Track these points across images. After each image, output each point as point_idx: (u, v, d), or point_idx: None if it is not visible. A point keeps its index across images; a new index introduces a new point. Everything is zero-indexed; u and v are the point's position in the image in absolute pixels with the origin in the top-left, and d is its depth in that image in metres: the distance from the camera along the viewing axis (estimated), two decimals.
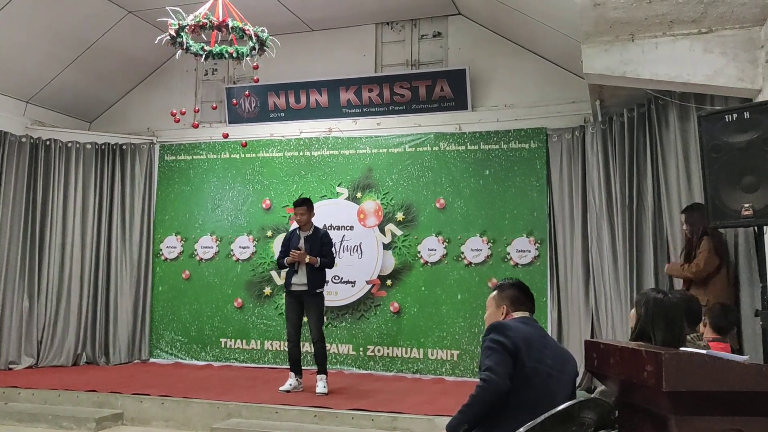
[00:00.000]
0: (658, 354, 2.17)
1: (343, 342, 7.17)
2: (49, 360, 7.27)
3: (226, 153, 7.86)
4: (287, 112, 7.70)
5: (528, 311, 2.95)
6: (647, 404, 2.35)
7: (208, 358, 7.56)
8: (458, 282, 6.90)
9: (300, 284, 5.85)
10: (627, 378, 2.40)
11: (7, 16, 6.40)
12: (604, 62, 4.61)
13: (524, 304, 2.96)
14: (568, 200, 6.56)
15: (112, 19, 7.15)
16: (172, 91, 8.19)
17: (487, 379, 2.60)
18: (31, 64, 7.21)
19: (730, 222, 3.68)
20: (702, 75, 4.31)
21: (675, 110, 5.18)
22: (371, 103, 7.38)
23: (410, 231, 7.14)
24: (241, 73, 7.94)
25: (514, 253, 6.76)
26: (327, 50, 7.70)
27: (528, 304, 2.97)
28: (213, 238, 7.78)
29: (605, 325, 5.96)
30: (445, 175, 7.09)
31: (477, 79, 7.11)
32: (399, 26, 7.56)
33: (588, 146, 6.42)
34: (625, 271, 5.74)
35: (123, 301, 7.73)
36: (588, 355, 2.80)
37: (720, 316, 3.91)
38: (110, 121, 8.46)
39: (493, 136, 6.97)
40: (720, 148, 3.61)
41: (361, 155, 7.42)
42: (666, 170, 5.35)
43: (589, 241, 6.32)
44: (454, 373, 6.74)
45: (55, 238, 7.50)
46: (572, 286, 6.45)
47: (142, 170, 7.97)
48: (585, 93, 6.03)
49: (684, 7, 4.09)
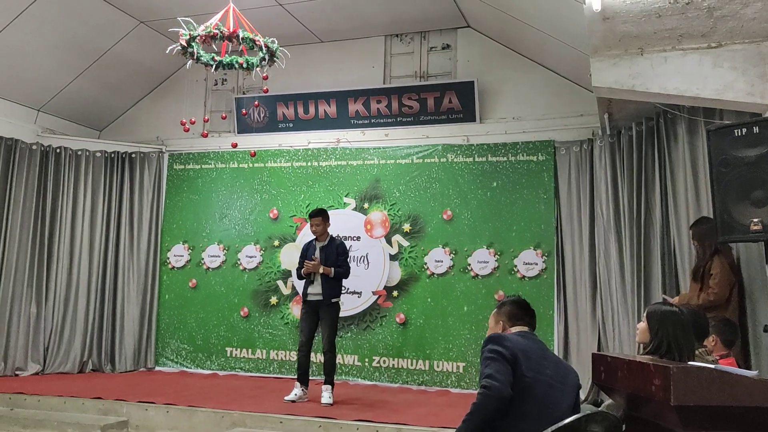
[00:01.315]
0: (666, 368, 2.16)
1: (349, 353, 7.15)
2: (55, 367, 7.28)
3: (235, 162, 7.90)
4: (296, 123, 7.73)
5: (526, 326, 2.96)
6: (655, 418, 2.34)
7: (214, 367, 7.55)
8: (465, 294, 6.89)
9: (315, 294, 5.87)
10: (635, 391, 2.39)
11: (21, 26, 6.47)
12: (613, 76, 4.61)
13: (522, 318, 2.98)
14: (575, 213, 6.55)
15: (124, 28, 7.22)
16: (181, 101, 8.24)
17: (489, 386, 2.59)
18: (43, 73, 7.27)
19: (738, 237, 3.67)
20: (711, 89, 4.30)
21: (684, 124, 5.18)
22: (379, 114, 7.41)
23: (417, 242, 7.14)
24: (250, 84, 7.99)
25: (521, 265, 6.75)
26: (336, 61, 7.74)
27: (526, 319, 2.99)
28: (220, 247, 7.80)
29: (612, 339, 5.93)
30: (453, 187, 7.10)
31: (485, 91, 7.13)
32: (408, 38, 7.60)
33: (596, 159, 6.42)
34: (632, 285, 5.72)
35: (129, 308, 7.74)
36: (595, 368, 2.79)
37: (729, 330, 3.88)
38: (120, 129, 8.52)
39: (501, 148, 6.97)
40: (729, 162, 3.61)
41: (368, 166, 7.44)
42: (674, 184, 5.34)
43: (596, 254, 6.30)
44: (459, 386, 6.71)
45: (63, 245, 7.54)
46: (579, 299, 6.42)
47: (151, 179, 8.01)
48: (593, 106, 6.04)
49: (693, 22, 4.10)
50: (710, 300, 4.31)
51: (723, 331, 3.85)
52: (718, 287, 4.29)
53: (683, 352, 2.61)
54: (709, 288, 4.34)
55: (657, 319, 2.74)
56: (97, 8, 6.73)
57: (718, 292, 4.29)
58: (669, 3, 3.91)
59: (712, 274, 4.35)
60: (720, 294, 4.30)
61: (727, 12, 3.93)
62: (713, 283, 4.32)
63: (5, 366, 6.98)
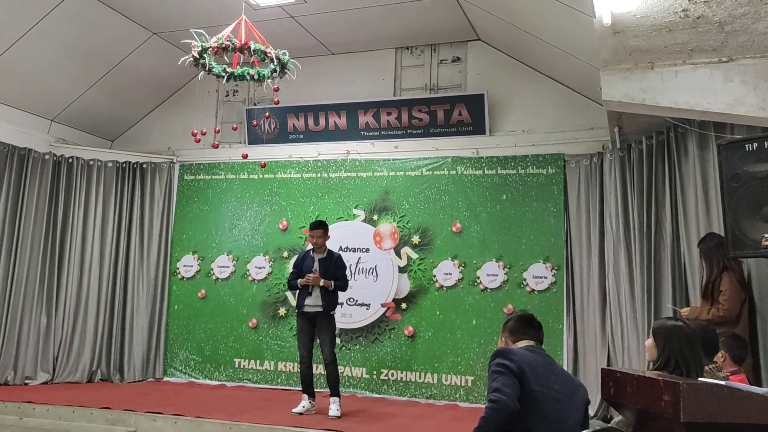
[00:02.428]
0: (676, 384, 2.14)
1: (357, 365, 7.13)
2: (65, 376, 7.30)
3: (245, 173, 7.93)
4: (306, 134, 7.76)
5: (531, 339, 2.95)
6: None
7: (222, 378, 7.56)
8: (473, 307, 6.86)
9: (314, 306, 5.87)
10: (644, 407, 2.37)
11: (35, 37, 6.54)
12: (623, 89, 4.61)
13: (524, 333, 2.98)
14: (585, 227, 6.52)
15: (137, 40, 7.29)
16: (193, 112, 8.30)
17: (496, 400, 2.58)
18: (56, 84, 7.35)
19: (750, 252, 3.64)
20: (722, 104, 4.29)
21: (694, 138, 5.16)
22: (389, 126, 7.43)
23: (426, 254, 7.13)
24: (261, 95, 8.03)
25: (531, 278, 6.72)
26: (346, 73, 7.78)
27: (530, 332, 2.98)
28: (229, 257, 7.82)
29: (622, 354, 5.89)
30: (462, 199, 7.09)
31: (495, 104, 7.14)
32: (418, 51, 7.63)
33: (606, 173, 6.40)
34: (642, 300, 5.69)
35: (139, 318, 7.76)
36: (604, 383, 2.77)
37: (739, 346, 3.84)
38: (132, 140, 8.59)
39: (511, 161, 6.97)
40: (740, 177, 3.59)
41: (378, 178, 7.45)
42: (685, 199, 5.31)
43: (606, 268, 6.26)
44: (468, 399, 6.68)
45: (74, 255, 7.58)
46: (588, 313, 6.38)
47: (162, 189, 8.06)
48: (603, 120, 6.03)
49: (704, 36, 4.09)
50: (720, 316, 4.27)
51: (733, 347, 3.81)
52: (728, 303, 4.25)
53: (690, 366, 2.59)
54: (719, 304, 4.30)
55: (663, 334, 2.72)
56: (110, 20, 6.81)
57: (728, 308, 4.25)
58: (680, 18, 3.91)
59: (721, 291, 4.31)
60: (730, 310, 4.26)
61: (738, 27, 3.92)
62: (723, 299, 4.28)
63: (15, 375, 7.01)
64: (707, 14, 3.83)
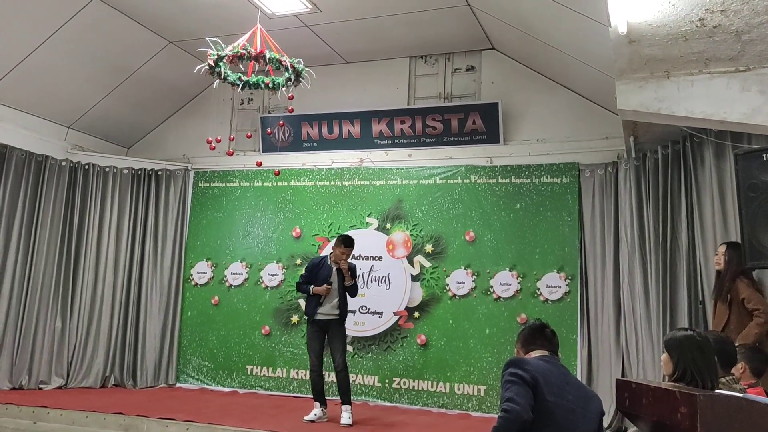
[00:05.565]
0: (692, 396, 2.12)
1: (369, 373, 7.12)
2: (78, 381, 7.34)
3: (259, 181, 7.97)
4: (320, 142, 7.79)
5: (544, 349, 2.92)
6: None
7: (234, 384, 7.56)
8: (486, 316, 6.83)
9: (330, 314, 5.90)
10: (660, 419, 2.35)
11: (53, 45, 6.62)
12: (639, 99, 4.59)
13: (536, 341, 2.95)
14: (599, 236, 6.48)
15: (153, 48, 7.36)
16: (208, 120, 8.35)
17: (509, 410, 2.56)
18: (73, 91, 7.43)
19: (767, 263, 3.60)
20: (739, 113, 4.25)
21: (711, 148, 5.13)
22: (403, 134, 7.43)
23: (439, 263, 7.11)
24: (276, 103, 8.07)
25: (544, 288, 6.68)
26: (361, 82, 7.80)
27: (541, 341, 2.95)
28: (243, 264, 7.84)
29: (636, 365, 5.84)
30: (476, 208, 7.07)
31: (509, 112, 7.13)
32: (433, 60, 7.64)
33: (621, 182, 6.36)
34: (657, 311, 5.64)
35: (152, 325, 7.80)
36: (619, 394, 2.75)
37: (758, 359, 3.78)
38: (147, 147, 8.66)
39: (525, 170, 6.95)
40: (757, 187, 3.57)
41: (391, 186, 7.45)
42: (701, 209, 5.27)
43: (620, 278, 6.21)
44: (480, 409, 6.63)
45: (89, 261, 7.64)
46: (603, 323, 6.32)
47: (176, 196, 8.11)
48: (618, 129, 6.00)
49: (721, 46, 4.07)
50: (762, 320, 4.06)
51: (753, 359, 3.75)
52: (761, 305, 4.09)
53: (705, 377, 2.56)
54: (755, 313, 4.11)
55: (676, 347, 2.69)
56: (128, 29, 6.88)
57: (765, 311, 4.08)
58: (696, 27, 3.88)
59: (744, 298, 4.19)
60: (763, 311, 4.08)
61: (755, 36, 3.90)
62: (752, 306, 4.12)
63: (29, 379, 7.07)
64: (724, 23, 3.81)
